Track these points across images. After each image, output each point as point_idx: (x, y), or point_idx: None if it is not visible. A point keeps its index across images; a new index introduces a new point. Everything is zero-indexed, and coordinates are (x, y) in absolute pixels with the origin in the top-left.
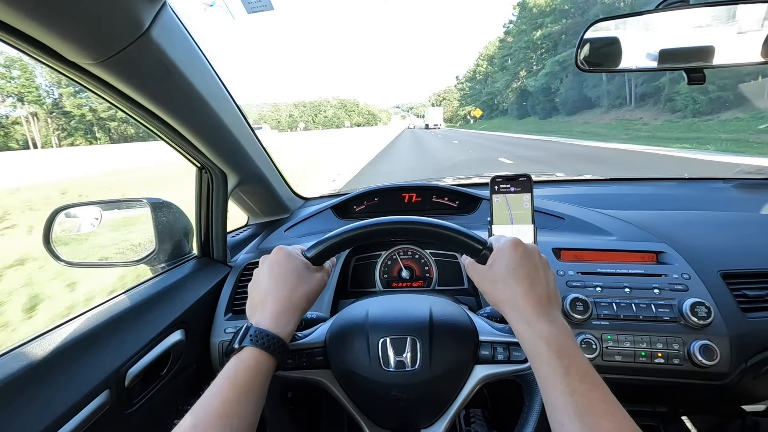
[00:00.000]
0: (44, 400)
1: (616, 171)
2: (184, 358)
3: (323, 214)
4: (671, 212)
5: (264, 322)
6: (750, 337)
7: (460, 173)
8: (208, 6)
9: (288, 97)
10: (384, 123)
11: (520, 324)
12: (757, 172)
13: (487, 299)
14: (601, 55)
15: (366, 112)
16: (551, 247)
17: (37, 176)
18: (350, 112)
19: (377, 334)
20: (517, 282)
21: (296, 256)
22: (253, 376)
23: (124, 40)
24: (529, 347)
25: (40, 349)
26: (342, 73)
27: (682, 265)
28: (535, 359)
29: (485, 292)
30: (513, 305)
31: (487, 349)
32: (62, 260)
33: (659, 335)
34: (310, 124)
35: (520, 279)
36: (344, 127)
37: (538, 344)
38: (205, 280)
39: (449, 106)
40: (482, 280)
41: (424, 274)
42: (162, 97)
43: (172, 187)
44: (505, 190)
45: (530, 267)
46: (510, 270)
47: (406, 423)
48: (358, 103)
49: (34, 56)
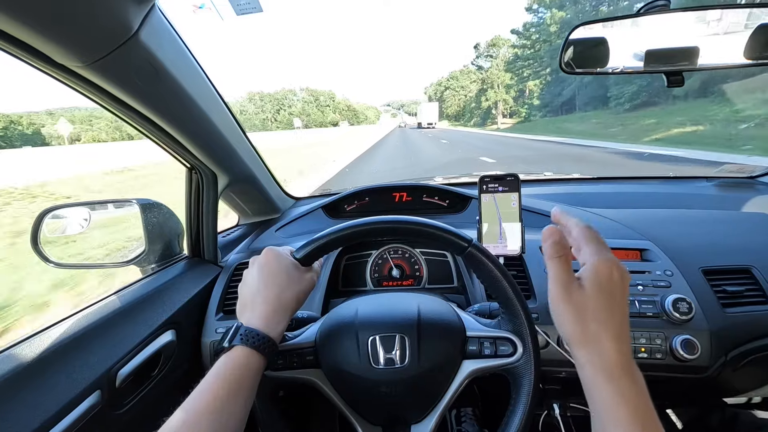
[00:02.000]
0: (35, 401)
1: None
2: (175, 359)
3: (314, 214)
4: (655, 210)
5: (254, 322)
6: (729, 332)
7: (450, 173)
8: (197, 8)
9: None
10: (371, 122)
11: (599, 375)
12: (738, 171)
13: (561, 330)
14: (585, 58)
15: (344, 108)
16: (539, 245)
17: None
18: (323, 107)
19: (366, 333)
20: (611, 318)
21: (285, 257)
22: (243, 374)
23: (114, 42)
24: (602, 405)
25: (31, 350)
26: (326, 68)
27: (665, 262)
28: (606, 416)
29: (561, 323)
30: (597, 350)
31: (474, 345)
32: (51, 261)
33: (642, 330)
34: (269, 124)
35: (614, 315)
36: (294, 128)
37: (616, 404)
38: (196, 280)
39: (455, 98)
40: (568, 305)
41: (415, 273)
42: (151, 98)
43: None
44: (493, 189)
45: (625, 301)
46: (605, 301)
47: (397, 418)
48: (335, 95)
49: (23, 59)
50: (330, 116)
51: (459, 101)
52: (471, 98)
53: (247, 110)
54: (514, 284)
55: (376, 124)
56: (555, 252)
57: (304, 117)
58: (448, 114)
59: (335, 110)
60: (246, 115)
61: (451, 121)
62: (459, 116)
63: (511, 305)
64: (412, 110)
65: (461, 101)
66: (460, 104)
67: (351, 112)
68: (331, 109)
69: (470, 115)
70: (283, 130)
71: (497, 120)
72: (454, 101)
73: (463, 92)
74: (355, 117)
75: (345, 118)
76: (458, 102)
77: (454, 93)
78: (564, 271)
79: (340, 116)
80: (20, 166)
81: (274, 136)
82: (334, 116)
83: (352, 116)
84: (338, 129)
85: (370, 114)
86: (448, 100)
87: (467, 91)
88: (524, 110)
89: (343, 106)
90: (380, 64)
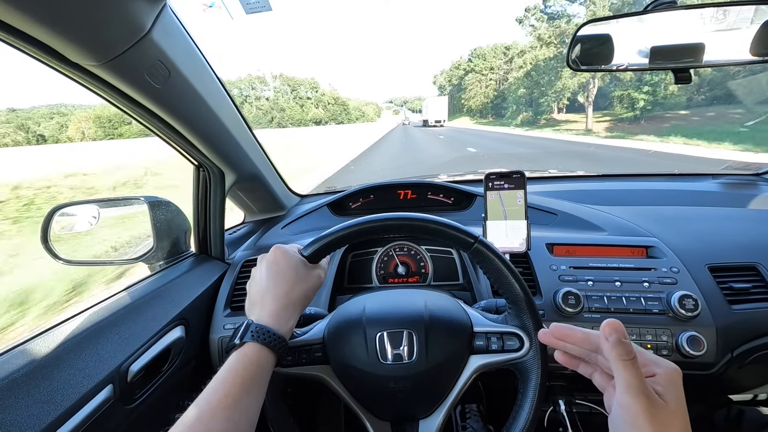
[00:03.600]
0: (49, 395)
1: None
2: (184, 354)
3: (320, 212)
4: (661, 207)
5: (264, 319)
6: (735, 329)
7: (455, 170)
8: (208, 7)
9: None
10: (369, 120)
11: None
12: (744, 168)
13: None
14: (592, 55)
15: (331, 101)
16: (544, 243)
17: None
18: (304, 100)
19: (374, 329)
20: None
21: (293, 254)
22: (255, 371)
23: (127, 41)
24: None
25: (44, 345)
26: (328, 64)
27: (671, 259)
28: None
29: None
30: None
31: (481, 340)
32: (61, 259)
33: (648, 327)
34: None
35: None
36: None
37: None
38: (204, 277)
39: (480, 85)
40: (653, 426)
41: (420, 270)
42: (162, 96)
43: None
44: (498, 186)
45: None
46: (683, 418)
47: (405, 414)
48: (318, 84)
49: (38, 58)
50: (312, 112)
51: (488, 90)
52: (517, 82)
53: None
54: (521, 280)
55: (374, 121)
56: (626, 353)
57: (276, 113)
58: (470, 108)
59: (318, 103)
60: None
61: (475, 118)
62: (489, 110)
63: (518, 301)
64: (416, 107)
65: (490, 89)
66: (489, 94)
67: (340, 107)
68: (313, 102)
69: (516, 108)
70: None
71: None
72: (479, 89)
73: (494, 76)
74: (345, 113)
75: (332, 114)
76: (486, 91)
77: (480, 78)
78: (640, 378)
79: (325, 112)
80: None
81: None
82: (316, 111)
83: (340, 112)
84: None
85: (369, 110)
86: (471, 87)
87: (499, 74)
88: (642, 97)
89: (329, 99)
90: (382, 61)
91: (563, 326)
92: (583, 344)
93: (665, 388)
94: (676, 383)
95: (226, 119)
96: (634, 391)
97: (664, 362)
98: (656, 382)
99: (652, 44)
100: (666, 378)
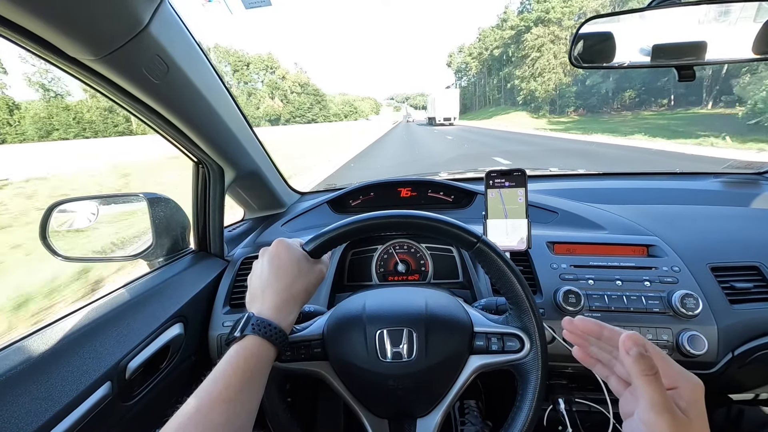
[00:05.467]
0: (47, 392)
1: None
2: (183, 351)
3: (320, 209)
4: (662, 206)
5: (265, 313)
6: (736, 328)
7: (455, 168)
8: (207, 1)
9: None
10: (363, 117)
11: None
12: (745, 167)
13: None
14: (594, 52)
15: (296, 88)
16: (545, 241)
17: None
18: (275, 89)
19: (374, 326)
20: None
21: (295, 248)
22: (255, 364)
23: (125, 35)
24: None
25: (43, 342)
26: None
27: (672, 258)
28: None
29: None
30: None
31: (481, 340)
32: (60, 255)
33: (649, 326)
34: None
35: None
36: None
37: None
38: (203, 274)
39: (547, 57)
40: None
41: (420, 268)
42: (161, 92)
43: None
44: (499, 184)
45: None
46: (706, 430)
47: (403, 412)
48: (277, 63)
49: (36, 52)
50: (266, 103)
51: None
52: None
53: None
54: (522, 279)
55: (368, 119)
56: (649, 368)
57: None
58: (532, 95)
59: (274, 91)
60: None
61: (532, 113)
62: (571, 99)
63: (519, 300)
64: (419, 103)
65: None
66: (559, 78)
67: (310, 98)
68: (267, 88)
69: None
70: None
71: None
72: (552, 59)
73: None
74: (320, 106)
75: (297, 107)
76: (564, 61)
77: (553, 38)
78: (664, 394)
79: (285, 105)
80: None
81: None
82: (271, 104)
83: (310, 105)
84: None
85: (364, 106)
86: (536, 55)
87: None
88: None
89: (291, 85)
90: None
91: (591, 321)
92: (610, 343)
93: (689, 404)
94: (699, 400)
95: (226, 115)
96: (658, 408)
97: (687, 375)
98: (679, 396)
99: (654, 42)
100: (690, 394)
